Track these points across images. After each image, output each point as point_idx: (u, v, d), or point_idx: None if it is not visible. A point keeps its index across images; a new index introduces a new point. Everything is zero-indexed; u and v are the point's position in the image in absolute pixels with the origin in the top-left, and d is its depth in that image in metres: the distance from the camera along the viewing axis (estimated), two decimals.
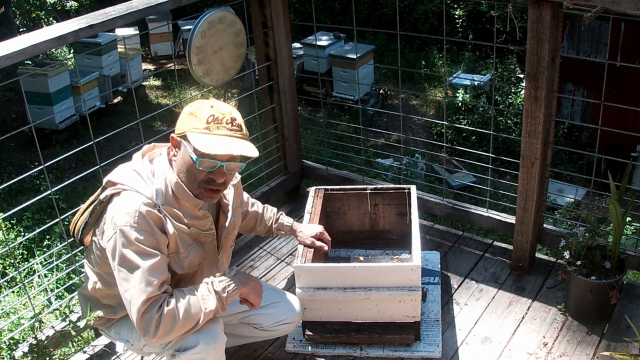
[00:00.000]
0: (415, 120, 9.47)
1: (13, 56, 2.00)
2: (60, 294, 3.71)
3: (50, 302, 3.57)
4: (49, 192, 2.31)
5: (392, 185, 2.87)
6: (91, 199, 1.95)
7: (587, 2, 2.32)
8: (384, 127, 9.25)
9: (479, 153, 3.94)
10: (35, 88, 7.93)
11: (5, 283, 4.33)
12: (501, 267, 2.88)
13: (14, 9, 11.04)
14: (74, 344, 2.93)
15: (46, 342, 2.17)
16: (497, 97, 9.23)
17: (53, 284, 4.02)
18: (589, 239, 2.44)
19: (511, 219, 2.86)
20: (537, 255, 2.90)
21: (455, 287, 2.78)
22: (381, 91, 9.78)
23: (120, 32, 9.71)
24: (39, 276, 4.11)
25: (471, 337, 2.48)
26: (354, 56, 8.70)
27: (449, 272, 2.87)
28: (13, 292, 4.11)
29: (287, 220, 2.51)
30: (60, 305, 2.62)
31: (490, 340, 2.46)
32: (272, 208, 2.52)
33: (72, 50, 10.10)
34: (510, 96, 9.47)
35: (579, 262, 2.44)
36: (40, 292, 3.93)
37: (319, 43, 9.11)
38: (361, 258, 2.78)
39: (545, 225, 2.81)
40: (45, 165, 2.27)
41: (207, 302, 1.84)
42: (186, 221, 1.89)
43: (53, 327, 2.28)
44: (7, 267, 4.86)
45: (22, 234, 5.60)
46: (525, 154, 2.58)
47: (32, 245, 5.22)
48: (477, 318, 2.58)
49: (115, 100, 9.62)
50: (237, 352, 2.45)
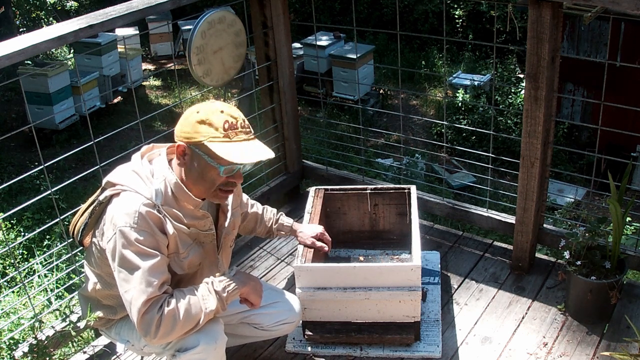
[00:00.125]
0: (415, 120, 9.47)
1: (13, 56, 2.00)
2: (60, 294, 3.71)
3: (50, 302, 3.56)
4: (49, 192, 2.31)
5: (392, 185, 2.86)
6: (90, 200, 1.94)
7: (587, 2, 2.32)
8: (384, 127, 9.25)
9: (479, 153, 3.94)
10: (35, 88, 7.93)
11: (5, 283, 4.33)
12: (501, 267, 2.88)
13: (14, 9, 11.04)
14: (74, 344, 2.93)
15: (46, 342, 2.17)
16: (497, 97, 9.23)
17: (53, 284, 4.02)
18: (589, 239, 2.44)
19: (511, 219, 2.86)
20: (537, 255, 2.90)
21: (455, 287, 2.78)
22: (381, 91, 9.78)
23: (120, 32, 9.71)
24: (39, 276, 4.11)
25: (471, 337, 2.48)
26: (354, 56, 8.70)
27: (449, 272, 2.87)
28: (13, 292, 4.11)
29: (287, 221, 2.51)
30: (61, 306, 2.62)
31: (490, 340, 2.46)
32: (271, 209, 2.52)
33: (72, 50, 10.10)
34: (510, 96, 9.46)
35: (579, 262, 2.44)
36: (40, 292, 3.93)
37: (319, 43, 9.10)
38: (361, 258, 2.78)
39: (545, 225, 2.81)
40: (45, 165, 2.27)
41: (208, 302, 1.84)
42: (186, 221, 1.89)
43: (53, 327, 2.28)
44: (7, 267, 4.86)
45: (22, 234, 5.60)
46: (525, 154, 2.58)
47: (32, 245, 5.21)
48: (477, 318, 2.58)
49: (115, 100, 9.62)
50: (237, 352, 2.45)
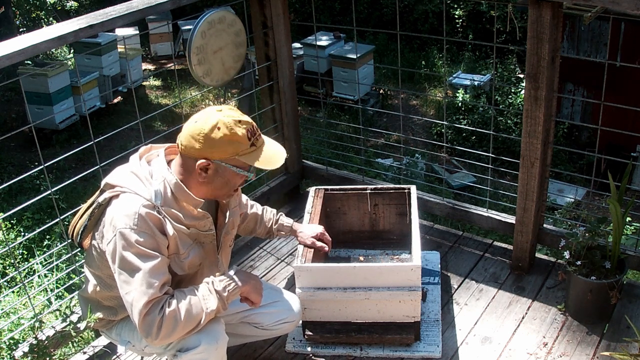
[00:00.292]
0: (415, 120, 9.47)
1: (13, 56, 2.00)
2: (60, 294, 3.71)
3: (50, 302, 3.56)
4: (49, 192, 2.31)
5: (392, 185, 2.86)
6: (89, 201, 1.94)
7: (587, 2, 2.32)
8: (384, 127, 9.24)
9: (479, 153, 3.94)
10: (35, 88, 7.93)
11: (5, 283, 4.33)
12: (501, 267, 2.88)
13: (14, 9, 11.04)
14: (74, 344, 2.93)
15: (46, 342, 2.17)
16: (497, 97, 9.23)
17: (53, 284, 4.02)
18: (589, 239, 2.44)
19: (511, 219, 2.86)
20: (537, 255, 2.90)
21: (455, 287, 2.78)
22: (381, 91, 9.78)
23: (120, 32, 9.71)
24: (39, 276, 4.11)
25: (471, 337, 2.48)
26: (354, 56, 8.70)
27: (449, 272, 2.87)
28: (13, 292, 4.11)
29: (287, 221, 2.50)
30: (61, 306, 2.62)
31: (490, 340, 2.46)
32: (271, 209, 2.52)
33: (72, 50, 10.10)
34: (510, 96, 9.46)
35: (579, 262, 2.44)
36: (40, 292, 3.93)
37: (319, 43, 9.10)
38: (361, 258, 2.78)
39: (545, 225, 2.81)
40: (45, 165, 2.27)
41: (208, 302, 1.84)
42: (186, 222, 1.89)
43: (53, 327, 2.28)
44: (7, 267, 4.86)
45: (22, 234, 5.60)
46: (525, 154, 2.58)
47: (32, 245, 5.21)
48: (477, 318, 2.58)
49: (115, 100, 9.61)
50: (237, 352, 2.45)
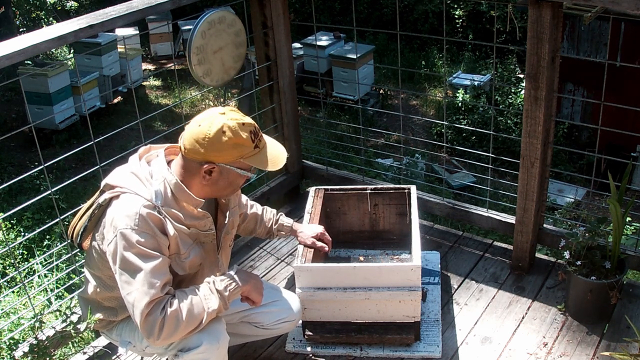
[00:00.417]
0: (415, 120, 9.47)
1: (13, 56, 2.00)
2: (60, 294, 3.71)
3: (51, 302, 3.56)
4: (49, 192, 2.31)
5: (392, 185, 2.86)
6: (89, 202, 1.94)
7: (587, 2, 2.32)
8: (384, 127, 9.25)
9: (479, 153, 3.93)
10: (35, 88, 7.93)
11: (5, 283, 4.32)
12: (501, 267, 2.88)
13: (14, 9, 11.04)
14: (74, 344, 2.93)
15: (46, 342, 2.16)
16: (497, 97, 9.23)
17: (53, 284, 4.02)
18: (589, 239, 2.44)
19: (511, 219, 2.86)
20: (537, 255, 2.90)
21: (455, 287, 2.78)
22: (381, 91, 9.78)
23: (120, 32, 9.71)
24: (39, 276, 4.11)
25: (471, 337, 2.48)
26: (354, 56, 8.70)
27: (449, 272, 2.87)
28: (13, 292, 4.11)
29: (287, 221, 2.50)
30: (61, 306, 2.62)
31: (490, 340, 2.46)
32: (271, 209, 2.52)
33: (72, 50, 10.10)
34: (510, 96, 9.47)
35: (579, 262, 2.44)
36: (40, 292, 3.93)
37: (319, 43, 9.10)
38: (361, 258, 2.78)
39: (545, 225, 2.81)
40: (45, 165, 2.27)
41: (210, 302, 1.84)
42: (186, 222, 1.88)
43: (53, 327, 2.28)
44: (7, 267, 4.86)
45: (22, 234, 5.60)
46: (525, 154, 2.58)
47: (32, 245, 5.21)
48: (477, 318, 2.58)
49: (115, 100, 9.62)
50: (237, 351, 2.45)
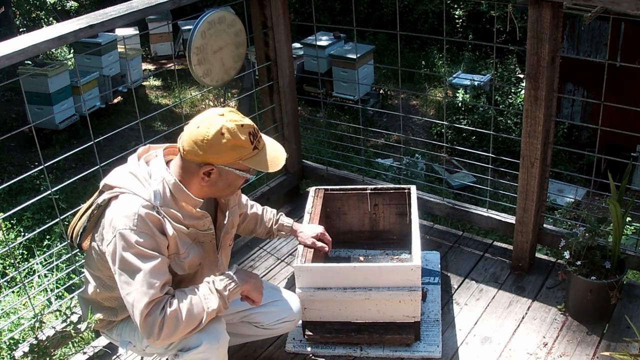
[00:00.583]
0: (415, 120, 9.47)
1: (13, 56, 2.00)
2: (60, 294, 3.71)
3: (51, 302, 3.56)
4: (49, 192, 2.31)
5: (392, 185, 2.86)
6: (88, 202, 1.94)
7: (587, 2, 2.32)
8: (384, 127, 9.25)
9: (479, 153, 3.93)
10: (35, 88, 7.93)
11: (5, 283, 4.32)
12: (501, 267, 2.88)
13: (14, 9, 11.04)
14: (74, 344, 2.93)
15: (46, 342, 2.16)
16: (497, 97, 9.23)
17: (53, 284, 4.02)
18: (589, 239, 2.44)
19: (511, 219, 2.86)
20: (537, 255, 2.90)
21: (455, 287, 2.78)
22: (381, 91, 9.78)
23: (120, 32, 9.71)
24: (39, 276, 4.11)
25: (471, 337, 2.48)
26: (354, 56, 8.70)
27: (449, 272, 2.87)
28: (13, 292, 4.11)
29: (287, 221, 2.50)
30: (61, 306, 2.62)
31: (490, 340, 2.46)
32: (271, 209, 2.52)
33: (72, 50, 10.10)
34: (510, 96, 9.47)
35: (579, 262, 2.44)
36: (40, 292, 3.93)
37: (319, 43, 9.10)
38: (361, 258, 2.78)
39: (545, 225, 2.81)
40: (45, 165, 2.27)
41: (209, 302, 1.84)
42: (185, 222, 1.88)
43: (53, 327, 2.28)
44: (7, 267, 4.86)
45: (22, 234, 5.60)
46: (525, 154, 2.58)
47: (32, 245, 5.21)
48: (477, 318, 2.58)
49: (115, 100, 9.62)
50: (237, 351, 2.45)
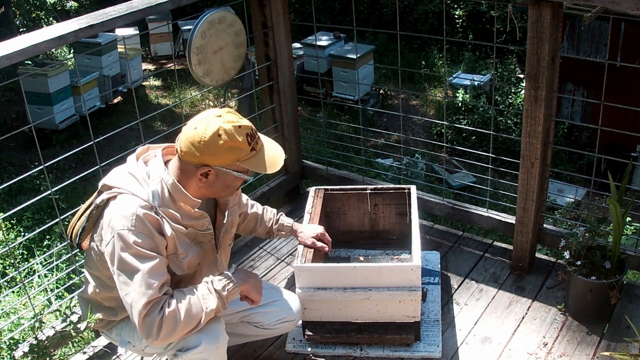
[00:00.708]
0: (415, 120, 9.47)
1: (13, 56, 2.00)
2: (60, 294, 3.71)
3: (51, 302, 3.56)
4: (49, 192, 2.31)
5: (392, 185, 2.86)
6: (87, 203, 1.94)
7: (587, 2, 2.32)
8: (384, 127, 9.25)
9: (479, 153, 3.93)
10: (35, 88, 7.93)
11: (5, 283, 4.33)
12: (501, 267, 2.88)
13: (14, 9, 11.04)
14: (74, 344, 2.93)
15: (46, 342, 2.16)
16: (497, 97, 9.23)
17: (53, 284, 4.02)
18: (589, 239, 2.44)
19: (511, 219, 2.86)
20: (537, 255, 2.90)
21: (455, 287, 2.78)
22: (381, 91, 9.78)
23: (120, 32, 9.71)
24: (39, 276, 4.11)
25: (471, 337, 2.48)
26: (354, 56, 8.70)
27: (449, 272, 2.87)
28: (13, 292, 4.11)
29: (287, 221, 2.50)
30: (61, 306, 2.62)
31: (490, 340, 2.46)
32: (271, 209, 2.51)
33: (72, 50, 10.10)
34: (510, 96, 9.47)
35: (579, 262, 2.44)
36: (40, 292, 3.93)
37: (319, 43, 9.10)
38: (361, 258, 2.78)
39: (545, 225, 2.81)
40: (45, 165, 2.27)
41: (208, 302, 1.84)
42: (183, 222, 1.88)
43: (53, 327, 2.28)
44: (7, 267, 4.86)
45: (22, 234, 5.60)
46: (525, 154, 2.58)
47: (32, 245, 5.21)
48: (477, 318, 2.58)
49: (115, 100, 9.62)
50: (237, 351, 2.45)
